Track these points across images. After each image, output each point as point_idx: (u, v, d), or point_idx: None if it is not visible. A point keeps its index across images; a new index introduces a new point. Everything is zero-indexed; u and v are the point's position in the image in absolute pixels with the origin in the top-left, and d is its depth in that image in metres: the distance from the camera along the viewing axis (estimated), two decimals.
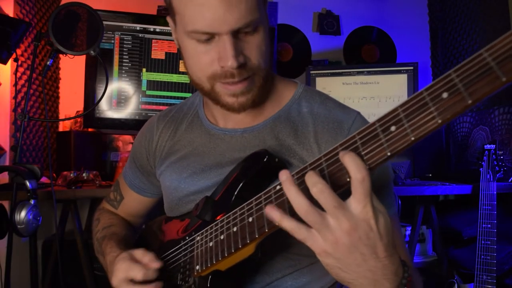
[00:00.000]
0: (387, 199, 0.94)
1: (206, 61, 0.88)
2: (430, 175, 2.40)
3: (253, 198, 0.77)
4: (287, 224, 0.64)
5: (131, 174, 1.21)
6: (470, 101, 0.52)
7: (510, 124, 2.17)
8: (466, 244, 2.16)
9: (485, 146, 1.99)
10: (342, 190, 0.63)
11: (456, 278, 2.02)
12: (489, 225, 1.87)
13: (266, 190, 0.74)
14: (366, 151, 0.61)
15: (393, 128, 0.58)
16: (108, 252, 1.03)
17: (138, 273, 0.86)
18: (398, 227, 0.98)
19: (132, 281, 0.87)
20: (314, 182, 0.60)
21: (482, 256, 1.86)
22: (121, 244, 1.05)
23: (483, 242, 1.87)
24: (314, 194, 0.60)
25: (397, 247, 0.67)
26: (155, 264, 0.88)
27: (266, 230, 0.73)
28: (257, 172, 0.87)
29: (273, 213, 0.64)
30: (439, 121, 0.54)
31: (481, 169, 1.96)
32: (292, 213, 0.64)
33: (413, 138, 0.56)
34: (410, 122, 0.57)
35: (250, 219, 0.76)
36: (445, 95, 0.54)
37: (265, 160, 0.87)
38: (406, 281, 0.66)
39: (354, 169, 0.59)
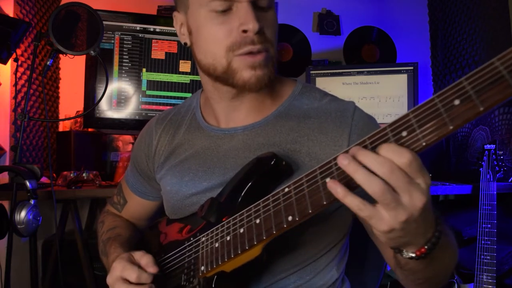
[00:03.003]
0: None
1: (225, 31, 0.88)
2: (430, 175, 2.39)
3: (261, 200, 0.77)
4: (351, 201, 0.61)
5: (132, 178, 1.21)
6: (482, 108, 0.53)
7: (510, 124, 2.17)
8: (466, 244, 2.16)
9: (485, 146, 1.99)
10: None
11: (456, 278, 2.02)
12: (489, 225, 1.87)
13: (274, 192, 0.75)
14: None
15: (404, 133, 0.59)
16: (112, 253, 1.03)
17: (132, 274, 0.85)
18: None
19: (127, 281, 0.87)
20: (382, 162, 0.59)
21: (482, 256, 1.87)
22: (125, 245, 1.05)
23: (483, 242, 1.87)
24: (383, 174, 0.58)
25: None
26: (151, 269, 0.87)
27: (274, 232, 0.73)
28: (264, 174, 0.87)
29: (337, 188, 0.61)
30: (451, 127, 0.55)
31: (481, 169, 1.96)
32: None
33: (424, 144, 0.57)
34: (421, 128, 0.57)
35: (258, 221, 0.76)
36: (457, 102, 0.55)
37: (272, 163, 0.86)
38: (440, 220, 0.69)
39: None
